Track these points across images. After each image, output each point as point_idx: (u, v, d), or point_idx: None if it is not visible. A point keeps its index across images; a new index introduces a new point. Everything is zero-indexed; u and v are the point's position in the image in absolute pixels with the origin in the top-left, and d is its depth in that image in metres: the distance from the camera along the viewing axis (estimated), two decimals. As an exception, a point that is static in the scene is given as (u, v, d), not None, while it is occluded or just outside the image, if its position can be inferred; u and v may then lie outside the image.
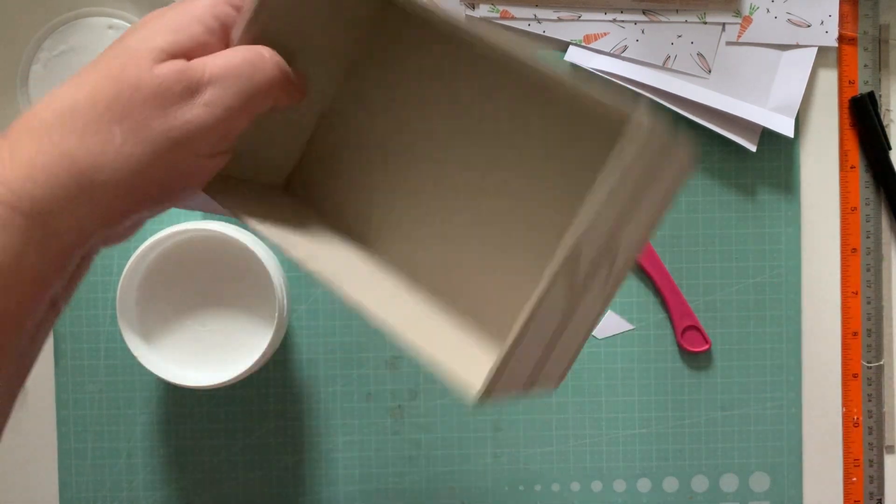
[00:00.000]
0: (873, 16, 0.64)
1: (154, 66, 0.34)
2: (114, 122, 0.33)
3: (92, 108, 0.33)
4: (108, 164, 0.33)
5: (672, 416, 0.64)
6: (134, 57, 0.34)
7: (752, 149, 0.62)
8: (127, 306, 0.59)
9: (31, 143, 0.33)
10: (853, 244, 0.64)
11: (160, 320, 0.61)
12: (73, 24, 0.61)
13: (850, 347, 0.64)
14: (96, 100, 0.33)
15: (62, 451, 0.64)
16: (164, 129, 0.33)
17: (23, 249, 0.32)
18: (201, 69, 0.34)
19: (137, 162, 0.33)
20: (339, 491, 0.64)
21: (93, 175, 0.33)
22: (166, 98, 0.33)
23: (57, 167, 0.33)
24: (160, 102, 0.33)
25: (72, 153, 0.33)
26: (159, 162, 0.34)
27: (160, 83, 0.33)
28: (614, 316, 0.64)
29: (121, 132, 0.33)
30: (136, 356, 0.59)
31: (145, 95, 0.33)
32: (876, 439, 0.64)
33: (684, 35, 0.62)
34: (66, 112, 0.33)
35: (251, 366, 0.58)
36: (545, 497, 0.64)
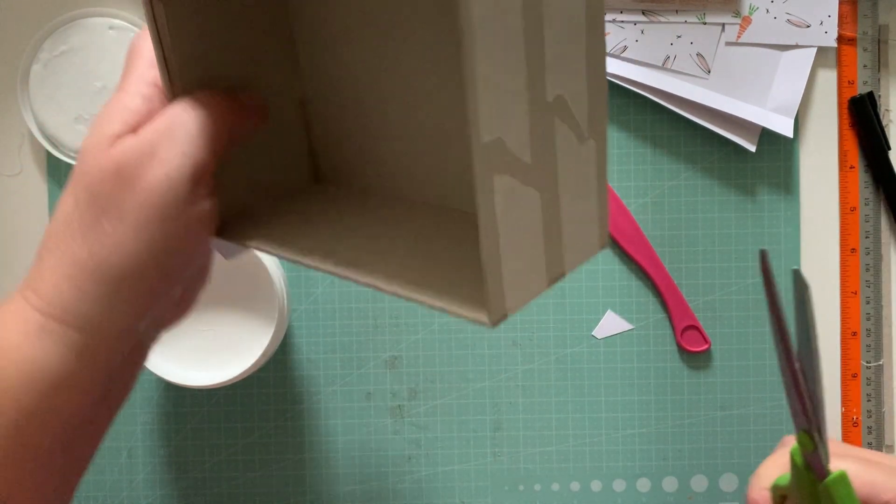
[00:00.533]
0: (872, 16, 0.64)
1: (109, 151, 0.35)
2: (99, 216, 0.35)
3: (78, 211, 0.36)
4: (108, 256, 0.35)
5: (671, 415, 0.64)
6: (93, 151, 0.36)
7: (751, 149, 0.62)
8: (127, 306, 0.59)
9: (50, 256, 0.36)
10: (852, 244, 0.64)
11: (160, 320, 0.61)
12: (74, 25, 0.61)
13: (850, 347, 0.64)
14: (79, 201, 0.36)
15: (62, 450, 0.64)
16: (138, 202, 0.35)
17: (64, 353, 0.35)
18: (145, 135, 0.36)
19: (133, 244, 0.35)
20: (339, 490, 0.65)
21: (102, 271, 0.35)
22: (127, 174, 0.35)
23: (71, 271, 0.35)
24: (124, 180, 0.35)
25: (78, 256, 0.35)
26: (151, 235, 0.35)
27: (116, 162, 0.35)
28: (614, 316, 0.64)
29: (108, 223, 0.35)
30: (137, 356, 0.59)
31: (110, 180, 0.35)
32: (875, 439, 0.64)
33: (684, 35, 0.62)
34: (64, 220, 0.36)
35: (251, 366, 0.58)
36: (545, 497, 0.65)
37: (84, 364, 0.36)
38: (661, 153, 0.64)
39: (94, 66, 0.61)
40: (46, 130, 0.61)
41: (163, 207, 0.35)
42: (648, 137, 0.64)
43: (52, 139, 0.62)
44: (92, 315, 0.36)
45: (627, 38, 0.62)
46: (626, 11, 0.62)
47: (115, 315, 0.36)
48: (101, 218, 0.35)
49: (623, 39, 0.62)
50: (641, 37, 0.62)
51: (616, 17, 0.62)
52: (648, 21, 0.62)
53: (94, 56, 0.61)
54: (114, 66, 0.61)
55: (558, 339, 0.64)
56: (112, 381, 0.38)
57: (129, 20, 0.62)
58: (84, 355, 0.36)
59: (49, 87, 0.61)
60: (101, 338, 0.36)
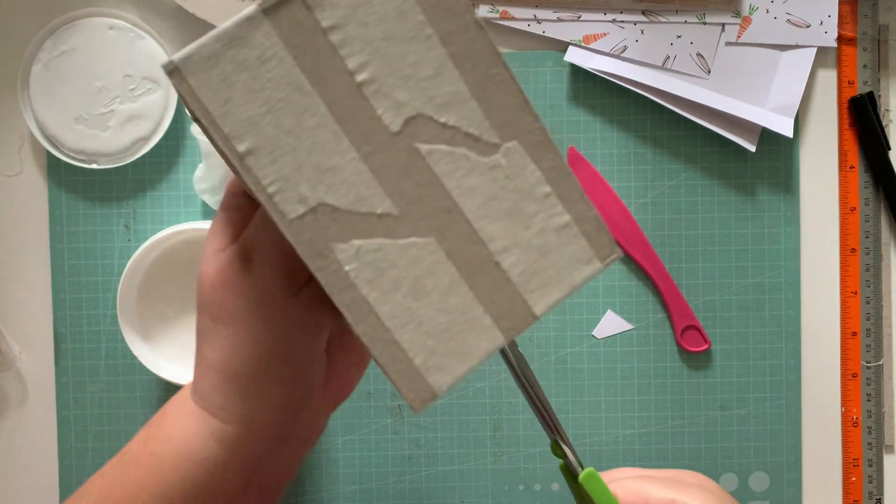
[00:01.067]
0: (872, 16, 0.64)
1: (213, 263, 0.38)
2: (216, 322, 0.38)
3: (202, 319, 0.39)
4: (231, 358, 0.38)
5: (671, 415, 0.64)
6: (203, 266, 0.39)
7: (751, 149, 0.62)
8: (127, 306, 0.60)
9: (196, 355, 0.40)
10: (852, 244, 0.64)
11: (160, 320, 0.61)
12: (74, 25, 0.61)
13: (850, 347, 0.64)
14: (200, 311, 0.39)
15: (63, 450, 0.64)
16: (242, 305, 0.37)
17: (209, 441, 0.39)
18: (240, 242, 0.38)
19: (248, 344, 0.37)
20: (339, 491, 0.64)
21: (229, 372, 0.38)
22: (229, 281, 0.38)
23: (206, 371, 0.39)
24: (227, 287, 0.38)
25: (208, 359, 0.39)
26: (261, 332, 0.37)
27: (219, 272, 0.38)
28: (614, 316, 0.64)
29: (223, 328, 0.38)
30: (137, 356, 0.59)
31: (218, 289, 0.38)
32: (875, 439, 0.64)
33: (684, 35, 0.62)
34: (197, 327, 0.40)
35: (251, 365, 0.58)
36: (545, 497, 0.64)
37: (228, 453, 0.39)
38: (661, 153, 0.64)
39: (94, 66, 0.61)
40: (47, 130, 0.61)
41: (265, 306, 0.37)
42: (648, 137, 0.64)
43: (53, 139, 0.62)
44: (232, 408, 0.38)
45: (627, 38, 0.62)
46: (626, 11, 0.62)
47: (253, 405, 0.38)
48: (218, 324, 0.38)
49: (623, 39, 0.62)
50: (641, 37, 0.62)
51: (616, 17, 0.62)
52: (648, 21, 0.62)
53: (94, 56, 0.61)
54: (114, 66, 0.61)
55: (558, 338, 0.64)
56: (258, 470, 0.41)
57: (129, 20, 0.62)
58: (227, 443, 0.39)
59: (49, 87, 0.61)
60: (242, 428, 0.39)
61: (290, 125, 0.28)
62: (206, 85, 0.27)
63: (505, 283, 0.30)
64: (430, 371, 0.29)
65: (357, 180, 0.28)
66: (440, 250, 0.29)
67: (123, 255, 0.63)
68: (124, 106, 0.61)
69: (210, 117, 0.27)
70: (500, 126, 0.29)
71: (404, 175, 0.29)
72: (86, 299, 0.63)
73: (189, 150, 0.64)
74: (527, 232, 0.30)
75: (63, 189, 0.63)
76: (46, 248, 0.64)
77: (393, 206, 0.28)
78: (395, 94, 0.28)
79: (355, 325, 0.28)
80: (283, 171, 0.28)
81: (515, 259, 0.30)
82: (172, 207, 0.64)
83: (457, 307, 0.29)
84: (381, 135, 0.28)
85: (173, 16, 0.63)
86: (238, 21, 0.27)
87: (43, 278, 0.64)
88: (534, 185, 0.30)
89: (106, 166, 0.62)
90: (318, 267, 0.28)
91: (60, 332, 0.64)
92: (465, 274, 0.29)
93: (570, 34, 0.63)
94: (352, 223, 0.28)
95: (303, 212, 0.28)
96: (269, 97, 0.27)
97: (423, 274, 0.29)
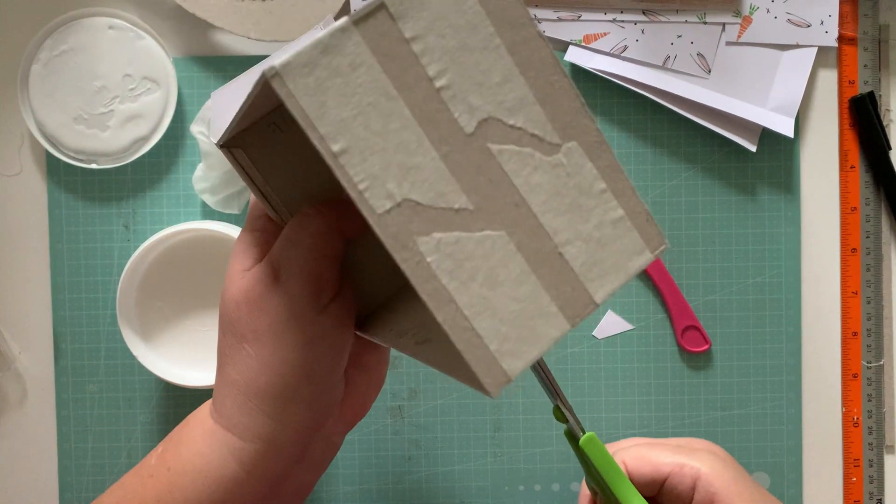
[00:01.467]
0: (873, 16, 0.64)
1: (239, 283, 0.39)
2: (241, 341, 0.38)
3: (225, 338, 0.39)
4: (256, 377, 0.38)
5: (672, 416, 0.64)
6: (228, 286, 0.40)
7: (751, 149, 0.62)
8: (127, 306, 0.59)
9: (218, 375, 0.40)
10: (853, 244, 0.64)
11: (160, 320, 0.61)
12: (74, 24, 0.61)
13: (850, 347, 0.64)
14: (224, 331, 0.39)
15: (62, 451, 0.64)
16: (269, 323, 0.38)
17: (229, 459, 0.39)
18: (267, 261, 0.39)
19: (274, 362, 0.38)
20: (339, 491, 0.64)
21: (253, 390, 0.38)
22: (256, 299, 0.38)
23: (230, 391, 0.39)
24: (254, 306, 0.38)
25: (232, 378, 0.39)
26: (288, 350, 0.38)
27: (245, 292, 0.38)
28: (614, 316, 0.64)
29: (249, 346, 0.38)
30: (136, 356, 0.59)
31: (244, 308, 0.38)
32: (876, 439, 0.64)
33: (684, 35, 0.62)
34: (219, 347, 0.40)
35: (251, 366, 0.58)
36: (545, 497, 0.64)
37: (247, 472, 0.39)
38: (661, 153, 0.64)
39: (93, 66, 0.61)
40: (46, 130, 0.61)
41: (293, 324, 0.37)
42: (648, 137, 0.64)
43: (52, 139, 0.62)
44: (254, 427, 0.39)
45: (628, 37, 0.62)
46: (627, 11, 0.62)
47: (275, 425, 0.39)
48: (243, 343, 0.38)
49: (623, 39, 0.62)
50: (642, 36, 0.62)
51: (616, 17, 0.62)
52: (649, 20, 0.62)
53: (94, 56, 0.61)
54: (113, 66, 0.61)
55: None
56: (275, 490, 0.41)
57: (128, 20, 0.61)
58: (246, 462, 0.39)
59: (49, 86, 0.61)
60: (264, 447, 0.39)
61: (378, 127, 0.30)
62: (304, 89, 0.29)
63: (568, 273, 0.32)
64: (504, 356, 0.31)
65: (437, 178, 0.30)
66: (511, 243, 0.31)
67: (123, 254, 0.63)
68: (124, 106, 0.61)
69: (308, 119, 0.29)
70: (561, 128, 0.32)
71: (478, 173, 0.31)
72: (85, 299, 0.63)
73: (189, 150, 0.63)
74: (586, 225, 0.32)
75: (62, 189, 0.63)
76: (46, 247, 0.64)
77: (469, 201, 0.31)
78: (470, 99, 0.31)
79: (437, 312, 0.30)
80: (372, 169, 0.30)
81: (577, 251, 0.32)
82: (172, 207, 0.63)
83: (526, 296, 0.31)
84: (457, 136, 0.31)
85: (173, 15, 0.63)
86: (332, 31, 0.29)
87: (42, 278, 0.64)
88: (591, 181, 0.32)
89: (105, 166, 0.62)
90: (403, 258, 0.30)
91: (60, 332, 0.63)
92: (533, 265, 0.31)
93: (570, 34, 0.62)
94: (432, 217, 0.30)
95: (389, 207, 0.30)
96: (360, 101, 0.30)
97: (496, 265, 0.31)
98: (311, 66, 0.29)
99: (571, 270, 0.32)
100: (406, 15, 0.30)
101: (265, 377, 0.38)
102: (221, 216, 0.63)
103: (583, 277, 0.32)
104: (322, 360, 0.39)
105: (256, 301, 0.38)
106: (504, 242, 0.31)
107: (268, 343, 0.38)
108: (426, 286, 0.30)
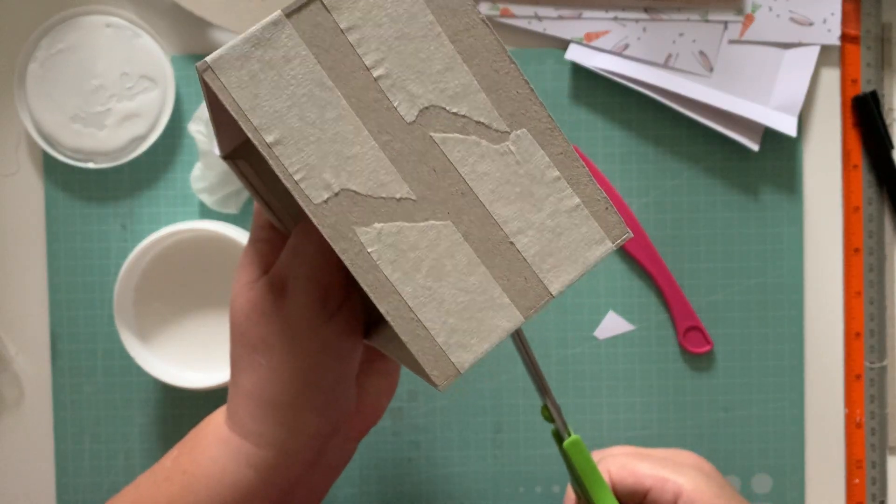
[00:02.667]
0: (876, 14, 0.63)
1: (247, 295, 0.39)
2: (252, 352, 0.39)
3: (236, 350, 0.40)
4: (267, 386, 0.39)
5: (674, 417, 0.64)
6: (236, 298, 0.40)
7: (754, 148, 0.62)
8: (124, 307, 0.59)
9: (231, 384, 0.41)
10: (856, 244, 0.64)
11: (157, 321, 0.61)
12: (71, 23, 0.61)
13: (853, 348, 0.64)
14: (235, 343, 0.40)
15: (59, 452, 0.63)
16: (278, 333, 0.38)
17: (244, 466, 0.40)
18: (273, 272, 0.39)
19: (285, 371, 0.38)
20: (339, 493, 0.64)
21: (265, 399, 0.39)
22: (265, 310, 0.38)
23: (242, 400, 0.39)
24: (262, 316, 0.38)
25: (244, 387, 0.39)
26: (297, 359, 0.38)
27: (253, 303, 0.39)
28: (615, 316, 0.64)
29: (260, 356, 0.39)
30: (133, 357, 0.59)
31: (253, 319, 0.39)
32: (878, 440, 0.64)
33: (686, 33, 0.62)
34: (231, 358, 0.41)
35: (249, 367, 0.58)
36: (545, 499, 0.64)
37: (261, 478, 0.40)
38: (663, 152, 0.63)
39: (91, 64, 0.61)
40: (43, 130, 0.61)
41: (301, 333, 0.38)
42: (650, 136, 0.63)
43: (49, 138, 0.61)
44: (268, 435, 0.39)
45: (629, 35, 0.62)
46: (628, 9, 0.62)
47: (288, 432, 0.39)
48: (254, 353, 0.39)
49: (625, 37, 0.62)
50: (643, 34, 0.62)
51: (618, 15, 0.62)
52: (650, 19, 0.62)
53: (91, 54, 0.61)
54: (111, 64, 0.61)
55: (559, 339, 0.64)
56: (289, 496, 0.41)
57: (126, 18, 0.61)
58: (261, 469, 0.40)
59: (46, 85, 0.61)
60: (278, 454, 0.39)
61: (314, 118, 0.30)
62: (237, 82, 0.29)
63: (521, 263, 0.31)
64: (453, 349, 0.30)
65: (377, 167, 0.30)
66: (457, 233, 0.31)
67: (120, 255, 0.63)
68: (121, 104, 0.61)
69: (241, 111, 0.29)
70: (509, 115, 0.31)
71: (420, 162, 0.30)
72: (82, 299, 0.63)
73: (186, 149, 0.63)
74: (539, 214, 0.31)
75: (60, 188, 0.63)
76: (43, 248, 0.63)
77: (411, 191, 0.30)
78: (410, 88, 0.30)
79: (379, 303, 0.30)
80: (308, 159, 0.30)
81: (529, 240, 0.31)
82: (169, 207, 0.63)
83: (476, 287, 0.31)
84: (397, 125, 0.30)
85: (170, 13, 0.63)
86: (264, 24, 0.29)
87: (39, 278, 0.63)
88: (543, 169, 0.32)
89: (103, 165, 0.61)
90: (342, 249, 0.30)
91: (57, 333, 0.63)
92: (482, 255, 0.31)
93: (571, 32, 0.62)
94: (373, 207, 0.30)
95: (327, 197, 0.30)
96: (294, 92, 0.30)
97: (442, 255, 0.30)
98: (244, 60, 0.29)
99: (524, 261, 0.31)
100: (341, 5, 0.30)
101: (276, 386, 0.38)
102: (219, 216, 0.63)
103: (536, 268, 0.31)
104: (332, 368, 0.39)
105: (265, 312, 0.38)
106: (450, 232, 0.31)
107: (277, 353, 0.38)
108: (367, 277, 0.30)
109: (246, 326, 0.39)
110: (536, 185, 0.32)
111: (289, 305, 0.38)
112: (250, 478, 0.40)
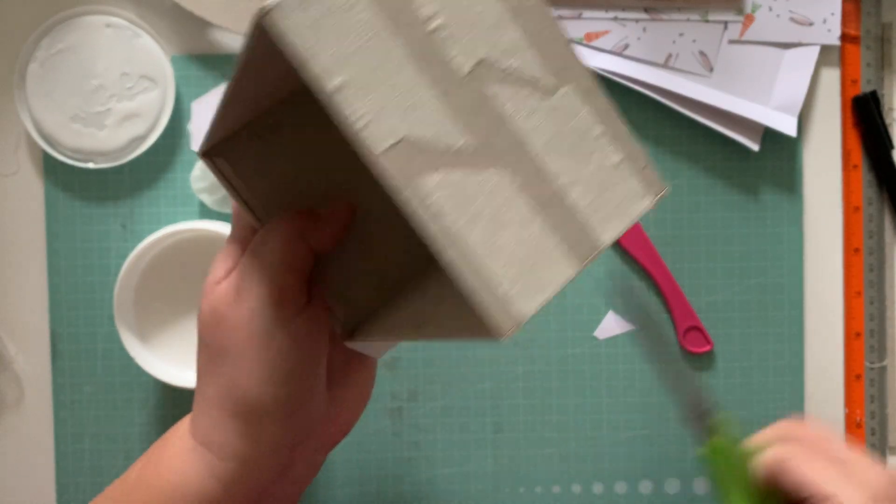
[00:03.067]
0: (876, 14, 0.63)
1: (207, 298, 0.38)
2: (213, 357, 0.38)
3: (201, 355, 0.39)
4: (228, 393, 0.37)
5: (674, 417, 0.64)
6: (202, 299, 0.39)
7: (754, 148, 0.62)
8: (124, 307, 0.59)
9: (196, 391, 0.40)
10: (856, 244, 0.64)
11: (157, 321, 0.61)
12: (71, 23, 0.61)
13: (853, 348, 0.64)
14: (199, 347, 0.39)
15: (59, 452, 0.63)
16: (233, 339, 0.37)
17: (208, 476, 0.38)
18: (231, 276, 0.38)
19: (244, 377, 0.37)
20: (339, 493, 0.64)
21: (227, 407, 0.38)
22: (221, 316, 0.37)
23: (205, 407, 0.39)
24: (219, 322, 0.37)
25: (207, 394, 0.38)
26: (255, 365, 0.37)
27: (212, 308, 0.38)
28: (615, 316, 0.64)
29: (220, 362, 0.37)
30: (133, 357, 0.59)
31: (211, 324, 0.37)
32: (879, 440, 0.64)
33: (686, 33, 0.62)
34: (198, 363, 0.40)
35: (249, 367, 0.58)
36: (546, 499, 0.64)
37: (225, 487, 0.38)
38: (663, 152, 0.63)
39: (91, 64, 0.61)
40: (43, 130, 0.61)
41: (255, 340, 0.36)
42: (650, 136, 0.63)
43: (49, 138, 0.61)
44: (230, 446, 0.38)
45: (629, 35, 0.62)
46: (628, 9, 0.62)
47: (251, 442, 0.38)
48: (215, 359, 0.38)
49: (625, 37, 0.62)
50: (643, 34, 0.62)
51: (617, 15, 0.62)
52: (650, 19, 0.62)
53: (91, 54, 0.61)
54: (111, 64, 0.61)
55: (559, 339, 0.64)
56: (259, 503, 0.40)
57: (126, 18, 0.61)
58: (225, 479, 0.38)
59: (46, 85, 0.61)
60: (241, 465, 0.38)
61: (374, 66, 0.29)
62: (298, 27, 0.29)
63: (573, 215, 0.32)
64: (514, 299, 0.30)
65: (436, 117, 0.30)
66: (514, 184, 0.31)
67: (120, 255, 0.63)
68: (121, 104, 0.61)
69: (302, 57, 0.29)
70: (556, 72, 0.32)
71: (476, 114, 0.30)
72: (82, 300, 0.63)
73: (186, 149, 0.63)
74: (587, 168, 0.32)
75: (60, 188, 0.63)
76: (43, 248, 0.63)
77: (470, 141, 0.30)
78: (463, 41, 0.30)
79: (444, 252, 0.29)
80: (369, 107, 0.29)
81: (579, 194, 0.32)
82: (169, 207, 0.63)
83: (533, 238, 0.31)
84: (452, 77, 0.30)
85: (171, 13, 0.63)
86: None
87: (39, 278, 0.63)
88: (589, 125, 0.32)
89: (102, 165, 0.61)
90: (406, 198, 0.29)
91: (57, 333, 0.63)
92: (539, 206, 0.31)
93: (571, 32, 0.62)
94: (433, 157, 0.30)
95: (388, 146, 0.29)
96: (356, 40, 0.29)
97: (501, 206, 0.30)
98: (306, 5, 0.29)
99: (576, 213, 0.32)
100: None
101: (236, 395, 0.37)
102: (219, 216, 0.63)
103: (588, 220, 0.32)
104: (291, 376, 0.37)
105: (222, 319, 0.37)
106: (507, 183, 0.31)
107: (234, 359, 0.37)
108: (433, 226, 0.29)
109: (205, 332, 0.38)
110: (583, 140, 0.32)
111: (242, 311, 0.36)
112: (214, 489, 0.38)
